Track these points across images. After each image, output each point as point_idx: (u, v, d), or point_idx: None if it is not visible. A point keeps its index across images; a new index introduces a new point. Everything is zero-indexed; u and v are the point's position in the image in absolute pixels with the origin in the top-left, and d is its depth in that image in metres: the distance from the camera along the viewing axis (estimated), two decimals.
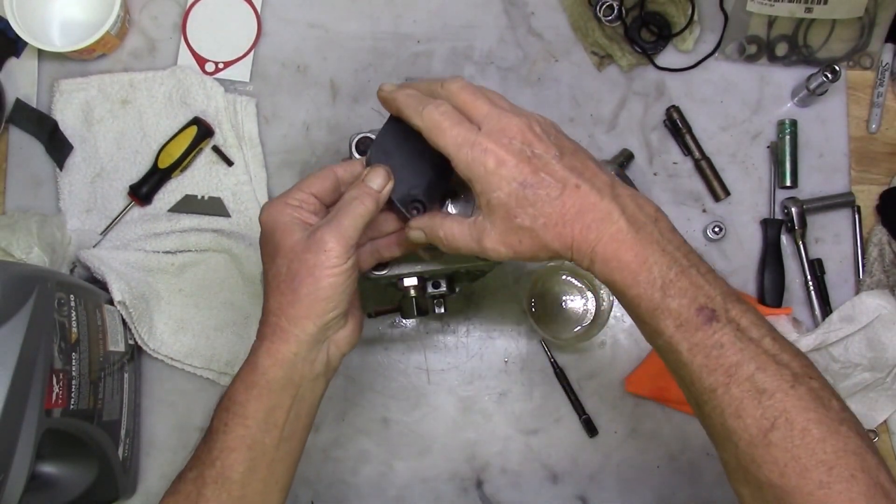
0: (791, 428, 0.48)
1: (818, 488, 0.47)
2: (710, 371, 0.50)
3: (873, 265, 0.86)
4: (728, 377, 0.50)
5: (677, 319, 0.51)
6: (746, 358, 0.49)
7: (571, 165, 0.54)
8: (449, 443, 0.86)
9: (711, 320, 0.51)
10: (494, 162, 0.53)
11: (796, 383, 0.49)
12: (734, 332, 0.50)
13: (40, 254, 0.81)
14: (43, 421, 0.62)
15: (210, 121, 0.87)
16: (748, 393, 0.49)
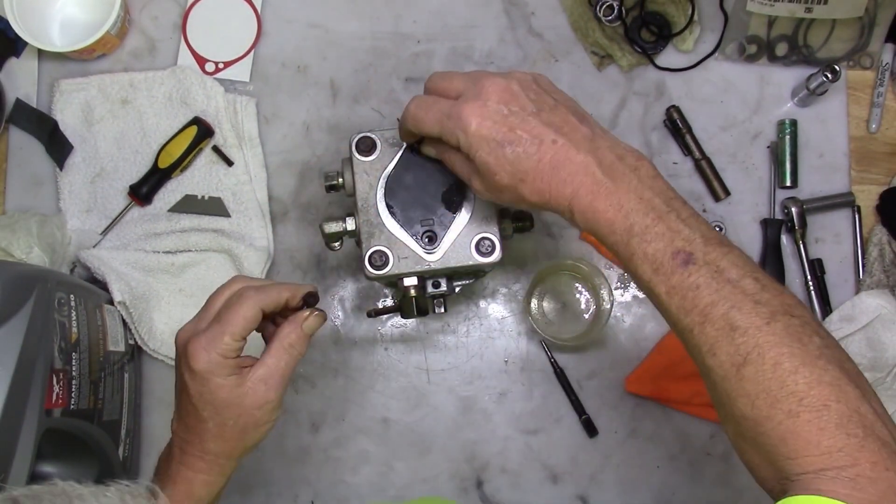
0: (762, 362, 0.48)
1: (787, 417, 0.47)
2: (686, 312, 0.52)
3: (873, 265, 0.86)
4: (703, 317, 0.51)
5: (654, 264, 0.53)
6: (721, 298, 0.50)
7: (549, 121, 0.56)
8: (449, 443, 0.86)
9: (688, 263, 0.52)
10: (473, 124, 0.56)
11: (772, 320, 0.49)
12: (711, 273, 0.51)
13: (40, 254, 0.81)
14: (43, 421, 0.62)
15: (210, 121, 0.87)
16: (722, 331, 0.50)
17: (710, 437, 0.86)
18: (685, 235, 0.53)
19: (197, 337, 0.59)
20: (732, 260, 0.52)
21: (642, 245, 0.53)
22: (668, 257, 0.52)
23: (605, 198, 0.55)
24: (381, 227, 0.69)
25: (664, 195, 0.55)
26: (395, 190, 0.69)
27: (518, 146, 0.56)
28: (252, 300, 0.60)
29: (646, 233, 0.53)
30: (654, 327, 0.87)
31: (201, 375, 0.58)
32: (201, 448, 0.61)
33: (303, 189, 0.89)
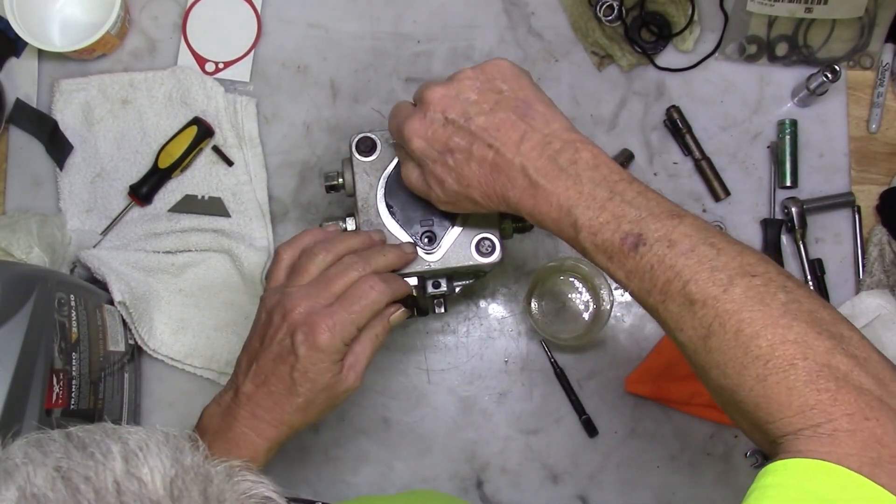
0: (724, 331, 0.48)
1: (756, 382, 0.47)
2: (647, 292, 0.52)
3: (873, 265, 0.86)
4: (663, 295, 0.51)
5: (606, 252, 0.53)
6: (675, 274, 0.50)
7: (486, 124, 0.57)
8: (449, 443, 0.86)
9: (637, 245, 0.52)
10: (415, 141, 0.59)
11: (729, 286, 0.48)
12: (664, 249, 0.51)
13: (40, 254, 0.81)
14: (43, 421, 0.62)
15: (210, 121, 0.87)
16: (682, 306, 0.50)
17: (710, 437, 0.86)
18: (631, 217, 0.52)
19: (322, 316, 0.59)
20: (684, 231, 0.51)
21: (590, 237, 0.53)
22: (617, 244, 0.52)
23: (544, 199, 0.55)
24: (382, 228, 0.69)
25: (606, 182, 0.54)
26: (395, 190, 0.69)
27: (457, 153, 0.58)
28: (384, 295, 0.62)
29: (591, 224, 0.53)
30: (654, 327, 0.87)
31: (319, 354, 0.59)
32: (279, 418, 0.62)
33: (303, 189, 0.89)
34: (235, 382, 0.64)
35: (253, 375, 0.62)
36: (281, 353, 0.61)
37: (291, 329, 0.60)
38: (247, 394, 0.62)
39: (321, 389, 0.61)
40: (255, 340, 0.64)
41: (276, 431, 0.62)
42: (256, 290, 0.86)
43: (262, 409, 0.62)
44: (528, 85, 0.59)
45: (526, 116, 0.57)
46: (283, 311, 0.61)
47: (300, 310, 0.60)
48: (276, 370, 0.61)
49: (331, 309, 0.60)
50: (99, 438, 0.37)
